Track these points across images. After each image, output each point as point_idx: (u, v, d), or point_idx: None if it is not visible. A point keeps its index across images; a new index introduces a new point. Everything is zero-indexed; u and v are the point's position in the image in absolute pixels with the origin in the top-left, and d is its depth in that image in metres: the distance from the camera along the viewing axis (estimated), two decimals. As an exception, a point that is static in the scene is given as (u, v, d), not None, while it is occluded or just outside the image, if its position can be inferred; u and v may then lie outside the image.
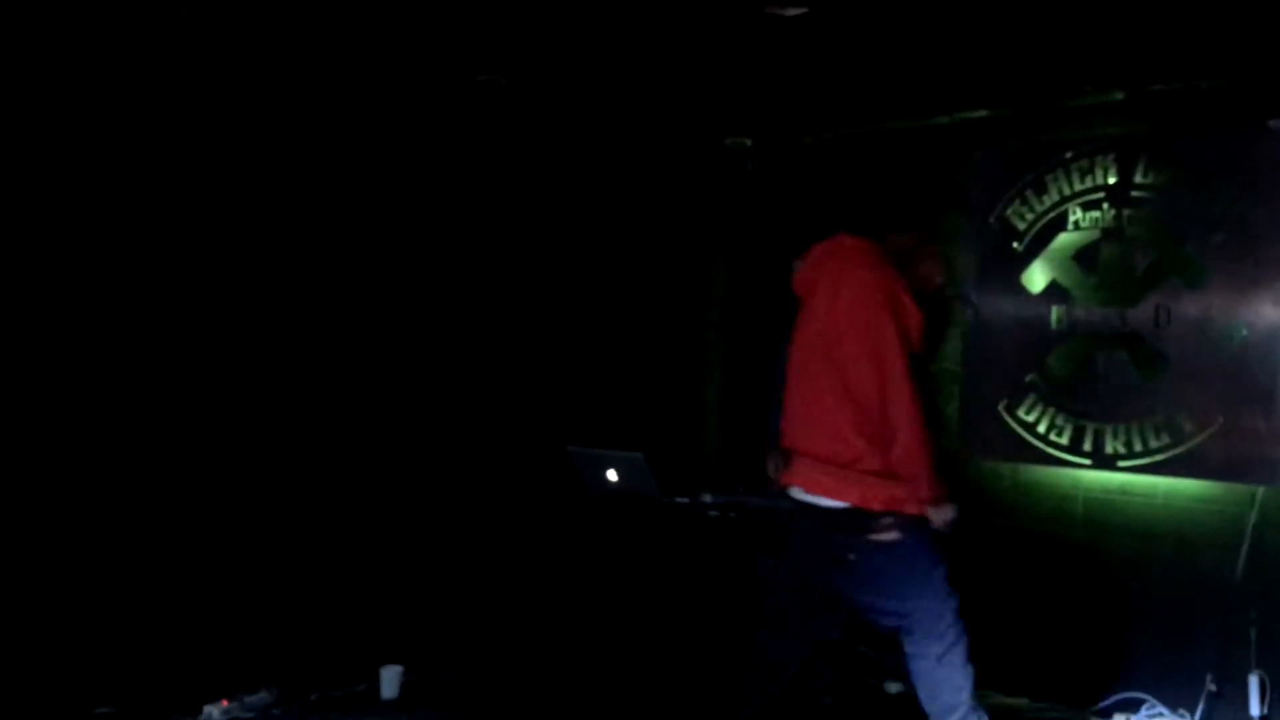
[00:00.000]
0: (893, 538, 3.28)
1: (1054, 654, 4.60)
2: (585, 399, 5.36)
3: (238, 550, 4.37)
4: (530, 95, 5.01)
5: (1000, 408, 4.80)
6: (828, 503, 3.32)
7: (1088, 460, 4.55)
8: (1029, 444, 4.71)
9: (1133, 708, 4.36)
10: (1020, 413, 4.74)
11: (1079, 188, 4.65)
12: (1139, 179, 4.50)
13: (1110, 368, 4.52)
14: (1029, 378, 4.73)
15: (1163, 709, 4.29)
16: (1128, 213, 4.52)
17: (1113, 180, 4.56)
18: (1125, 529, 4.52)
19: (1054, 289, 4.70)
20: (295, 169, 4.57)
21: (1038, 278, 4.75)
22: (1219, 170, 4.30)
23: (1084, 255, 4.62)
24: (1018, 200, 4.82)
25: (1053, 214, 4.72)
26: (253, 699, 4.13)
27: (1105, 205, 4.58)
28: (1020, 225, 4.81)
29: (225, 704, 4.06)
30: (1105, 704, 4.41)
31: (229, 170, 4.41)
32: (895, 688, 4.76)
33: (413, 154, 4.92)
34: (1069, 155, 4.67)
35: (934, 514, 3.28)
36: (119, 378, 4.14)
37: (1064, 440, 4.61)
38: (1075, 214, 4.66)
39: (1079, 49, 4.21)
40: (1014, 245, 4.81)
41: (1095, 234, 4.60)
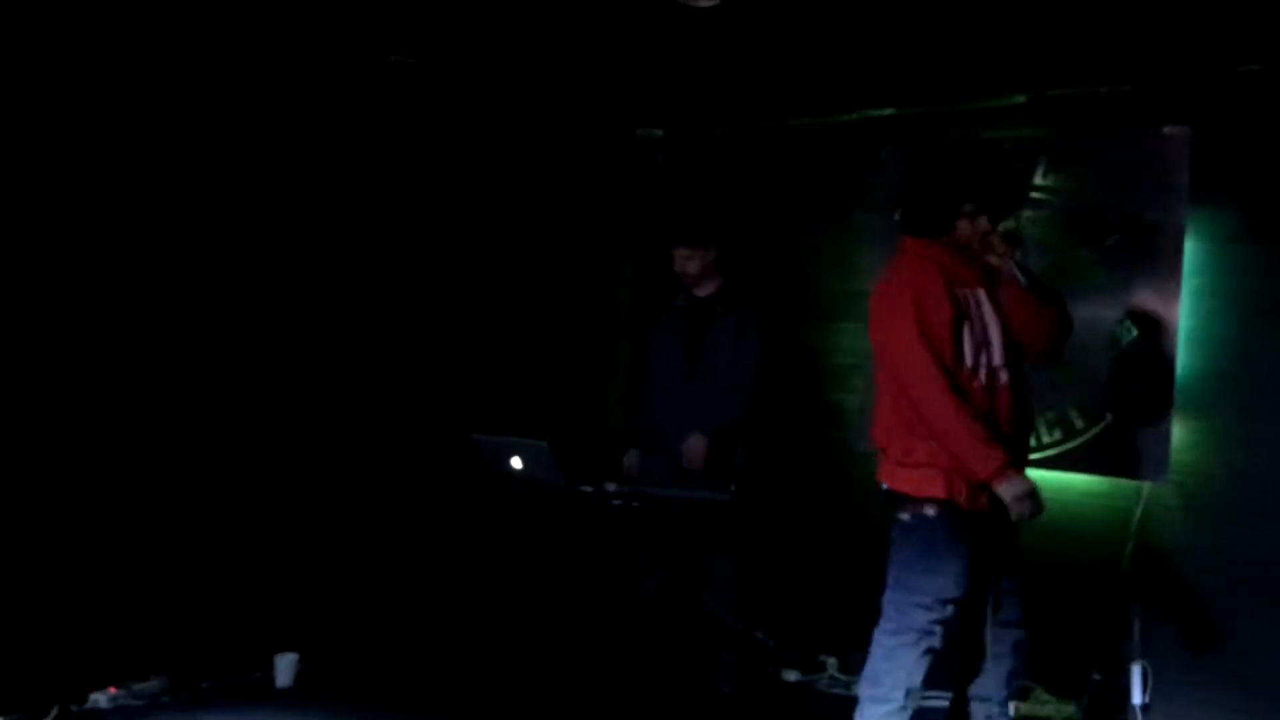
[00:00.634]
0: (905, 518, 3.48)
1: (946, 644, 4.68)
2: (491, 386, 5.33)
3: (127, 534, 4.26)
4: (440, 79, 4.95)
5: (901, 402, 4.87)
6: (884, 486, 3.56)
7: (984, 455, 4.64)
8: (928, 438, 4.79)
9: (1021, 696, 4.46)
10: (920, 407, 4.82)
11: (981, 188, 4.73)
12: (1039, 181, 4.60)
13: (1007, 365, 4.62)
14: (929, 373, 4.81)
15: (1049, 697, 4.41)
16: (1027, 214, 4.61)
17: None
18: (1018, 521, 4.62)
19: (955, 286, 4.78)
20: (190, 150, 4.45)
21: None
22: (1115, 174, 4.42)
23: (985, 254, 4.71)
24: (922, 198, 4.89)
25: (955, 213, 4.80)
26: (142, 687, 4.04)
27: (1006, 206, 4.67)
28: (924, 223, 4.88)
29: (113, 691, 3.96)
30: (997, 691, 4.51)
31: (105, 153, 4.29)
32: (793, 676, 4.83)
33: (319, 134, 4.82)
34: (972, 156, 4.76)
35: (1001, 492, 3.33)
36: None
37: (962, 435, 4.70)
38: (977, 214, 4.74)
39: (983, 52, 4.30)
40: (918, 242, 4.88)
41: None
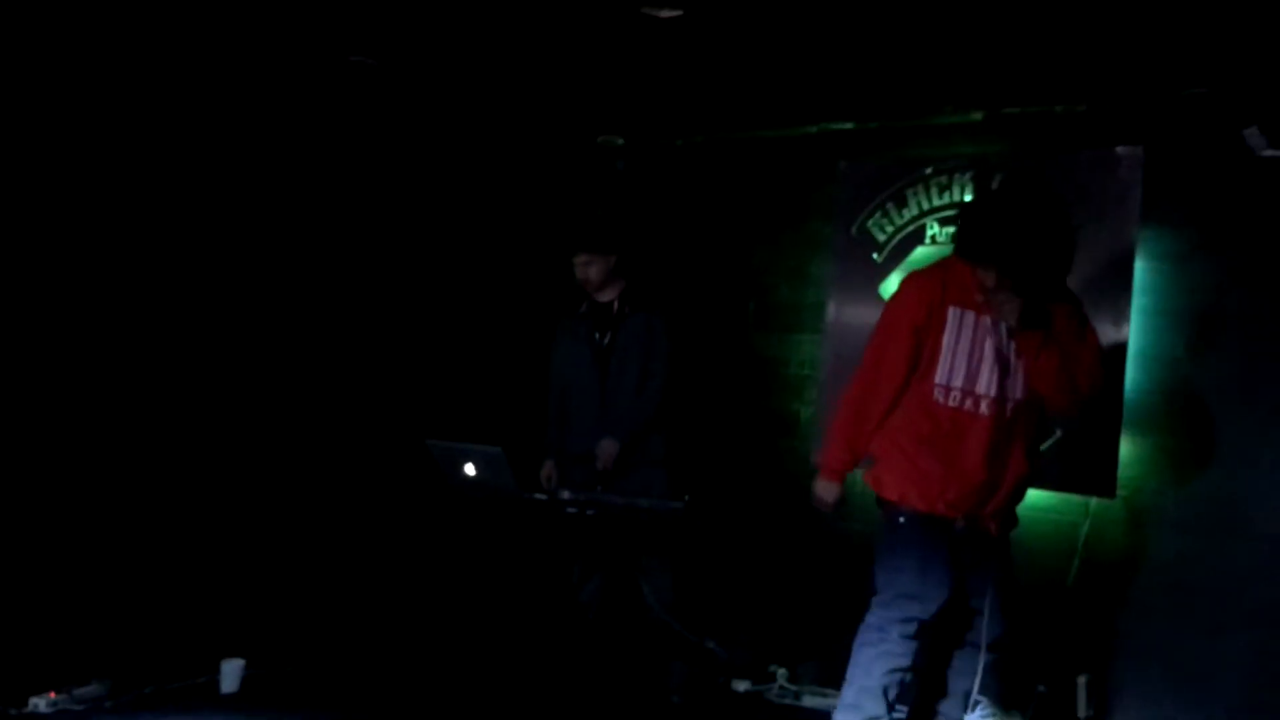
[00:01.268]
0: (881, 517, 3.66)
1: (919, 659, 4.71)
2: (446, 393, 5.30)
3: (68, 536, 4.19)
4: (400, 81, 4.92)
5: (855, 414, 4.91)
6: None
7: (935, 467, 4.68)
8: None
9: (970, 706, 4.49)
10: (873, 419, 4.85)
11: (937, 203, 4.79)
12: (994, 197, 4.65)
13: (960, 379, 4.66)
14: (883, 386, 4.84)
15: (995, 709, 4.44)
16: (982, 229, 4.66)
17: (969, 197, 4.70)
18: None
19: (910, 300, 4.82)
20: (143, 149, 4.40)
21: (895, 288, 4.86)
22: (1069, 191, 4.44)
23: (939, 269, 4.76)
24: (879, 212, 4.94)
25: (911, 227, 4.85)
26: (83, 691, 3.96)
27: (961, 221, 4.72)
28: (880, 237, 4.93)
29: (53, 696, 3.88)
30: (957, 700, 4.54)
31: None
32: (743, 685, 4.83)
33: (273, 135, 4.78)
34: (929, 171, 4.81)
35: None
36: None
37: (914, 447, 4.74)
38: (933, 228, 4.79)
39: (941, 69, 4.34)
40: (874, 256, 4.93)
41: (951, 249, 4.72)
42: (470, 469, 4.03)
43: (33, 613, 4.03)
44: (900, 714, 3.79)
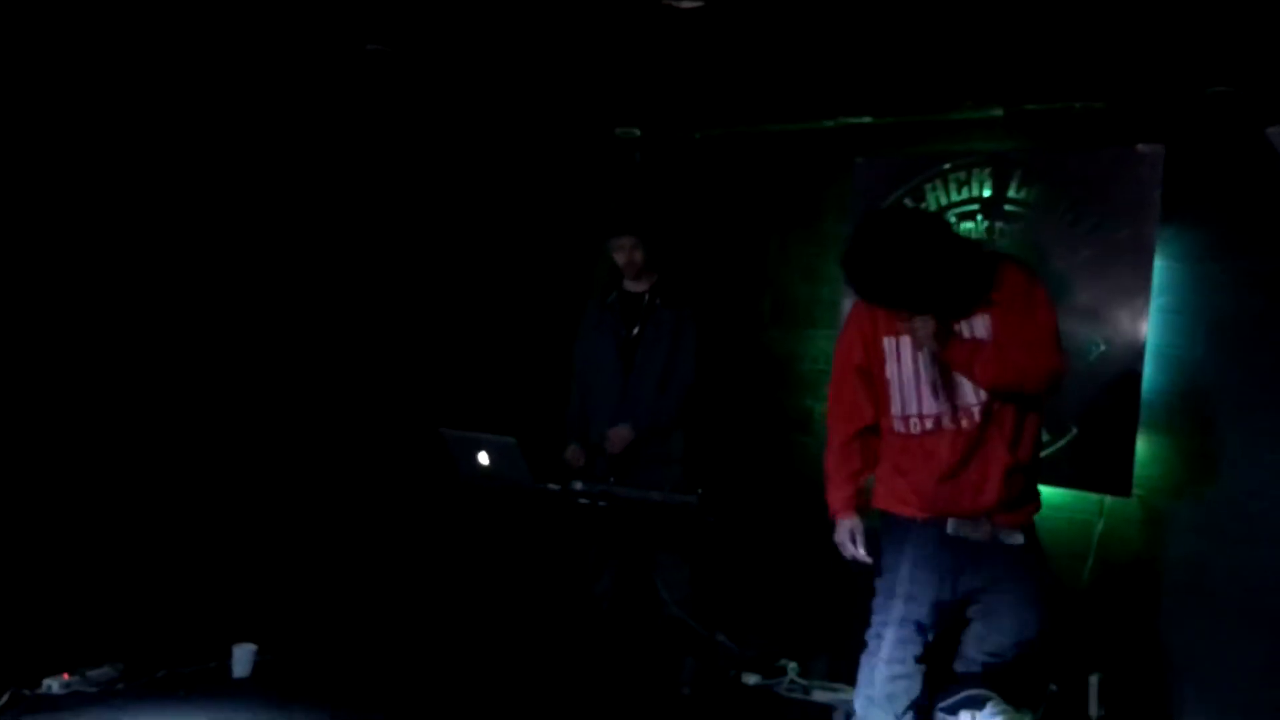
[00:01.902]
0: None
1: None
2: (460, 382, 5.31)
3: (83, 520, 4.21)
4: (417, 71, 4.92)
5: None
6: None
7: (949, 464, 4.66)
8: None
9: (978, 705, 4.47)
10: (888, 415, 4.84)
11: (955, 199, 4.77)
12: (1012, 194, 4.63)
13: (975, 376, 4.65)
14: (898, 381, 4.83)
15: (1006, 707, 4.43)
16: (1000, 226, 4.65)
17: (988, 194, 4.69)
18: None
19: (926, 296, 4.81)
20: (158, 137, 4.40)
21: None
22: (1087, 190, 4.46)
23: (956, 265, 4.74)
24: (897, 207, 4.92)
25: (929, 223, 4.83)
26: (96, 673, 3.98)
27: (979, 217, 4.70)
28: (898, 232, 4.90)
29: (66, 677, 3.90)
30: (951, 700, 4.52)
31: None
32: (753, 679, 4.82)
33: (288, 125, 4.78)
34: (947, 166, 4.79)
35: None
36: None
37: (928, 444, 4.72)
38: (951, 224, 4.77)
39: (961, 64, 4.32)
40: (891, 251, 4.91)
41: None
42: (484, 458, 4.03)
43: (47, 596, 4.06)
44: None
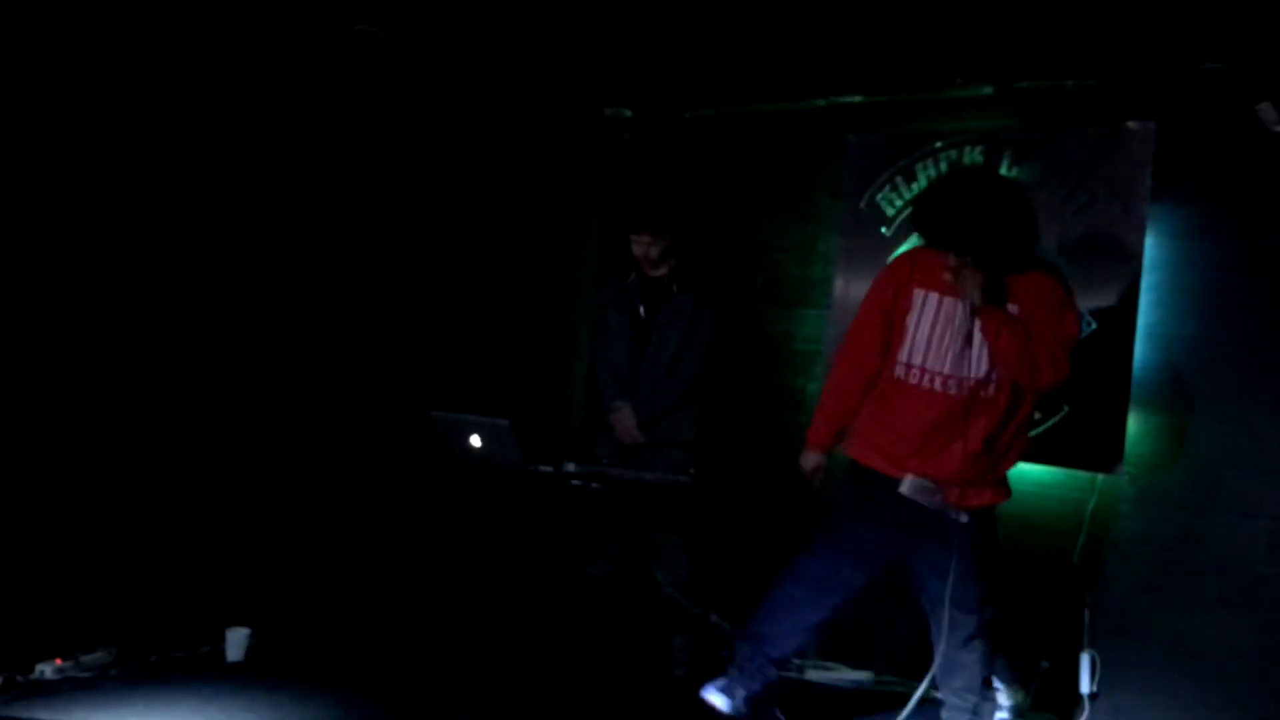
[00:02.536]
0: None
1: (899, 628, 4.73)
2: (451, 365, 5.29)
3: (74, 504, 4.20)
4: (406, 51, 4.89)
5: (861, 389, 4.89)
6: None
7: (941, 443, 4.67)
8: (886, 425, 4.82)
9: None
10: (880, 394, 4.84)
11: (947, 177, 4.76)
12: (1004, 172, 4.62)
13: (967, 354, 4.65)
14: (890, 360, 4.83)
15: (998, 684, 4.45)
16: (991, 204, 4.63)
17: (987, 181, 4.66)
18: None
19: (918, 275, 4.81)
20: (143, 126, 4.36)
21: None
22: (1078, 167, 4.45)
23: (948, 244, 4.74)
24: (888, 186, 4.91)
25: (921, 202, 4.82)
26: (89, 658, 3.98)
27: (971, 196, 4.69)
28: (889, 211, 4.90)
29: (59, 662, 3.91)
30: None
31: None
32: (747, 659, 4.83)
33: (274, 106, 4.74)
34: (939, 145, 4.78)
35: None
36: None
37: (920, 423, 4.73)
38: (942, 203, 4.76)
39: (951, 42, 4.30)
40: (882, 230, 4.91)
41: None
42: (476, 441, 4.02)
43: (39, 580, 4.05)
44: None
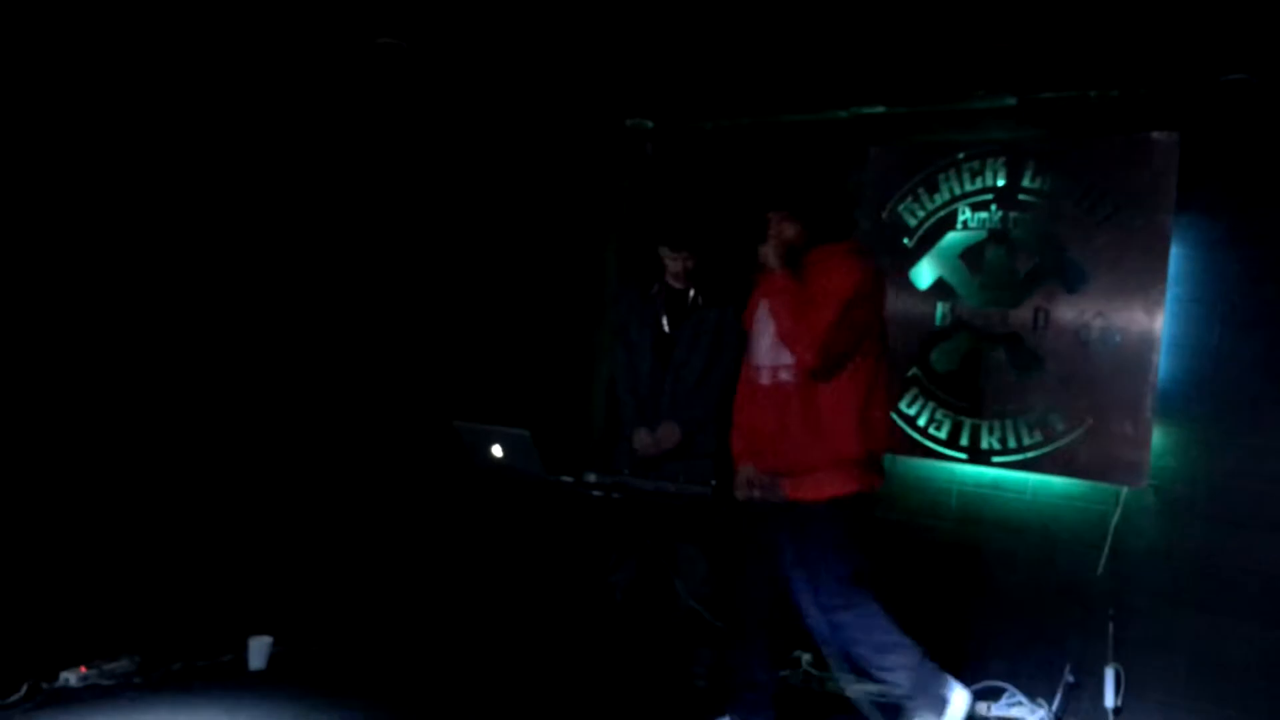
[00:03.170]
0: None
1: (920, 642, 4.70)
2: (473, 375, 5.31)
3: (99, 514, 4.22)
4: (429, 63, 4.91)
5: (883, 400, 4.89)
6: None
7: (964, 455, 4.66)
8: (908, 437, 4.81)
9: (994, 696, 4.48)
10: (901, 405, 4.83)
11: (969, 188, 4.75)
12: (1027, 183, 4.61)
13: (990, 366, 4.64)
14: (911, 372, 4.83)
15: (1022, 698, 4.43)
16: (1014, 215, 4.63)
17: (1002, 183, 4.67)
18: (995, 523, 4.65)
19: (940, 286, 4.80)
20: (166, 138, 4.40)
21: (925, 274, 4.84)
22: (1102, 178, 4.43)
23: (970, 255, 4.73)
24: (910, 197, 4.90)
25: (943, 212, 4.81)
26: (112, 666, 4.01)
27: (993, 207, 4.69)
28: (911, 222, 4.90)
29: (83, 670, 3.93)
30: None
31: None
32: (767, 671, 4.82)
33: (301, 118, 4.78)
34: (961, 156, 4.77)
35: None
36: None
37: (942, 434, 4.72)
38: (964, 214, 4.76)
39: (973, 53, 4.30)
40: (904, 241, 4.90)
41: (982, 234, 4.71)
42: (497, 451, 4.03)
43: (63, 589, 4.07)
44: None
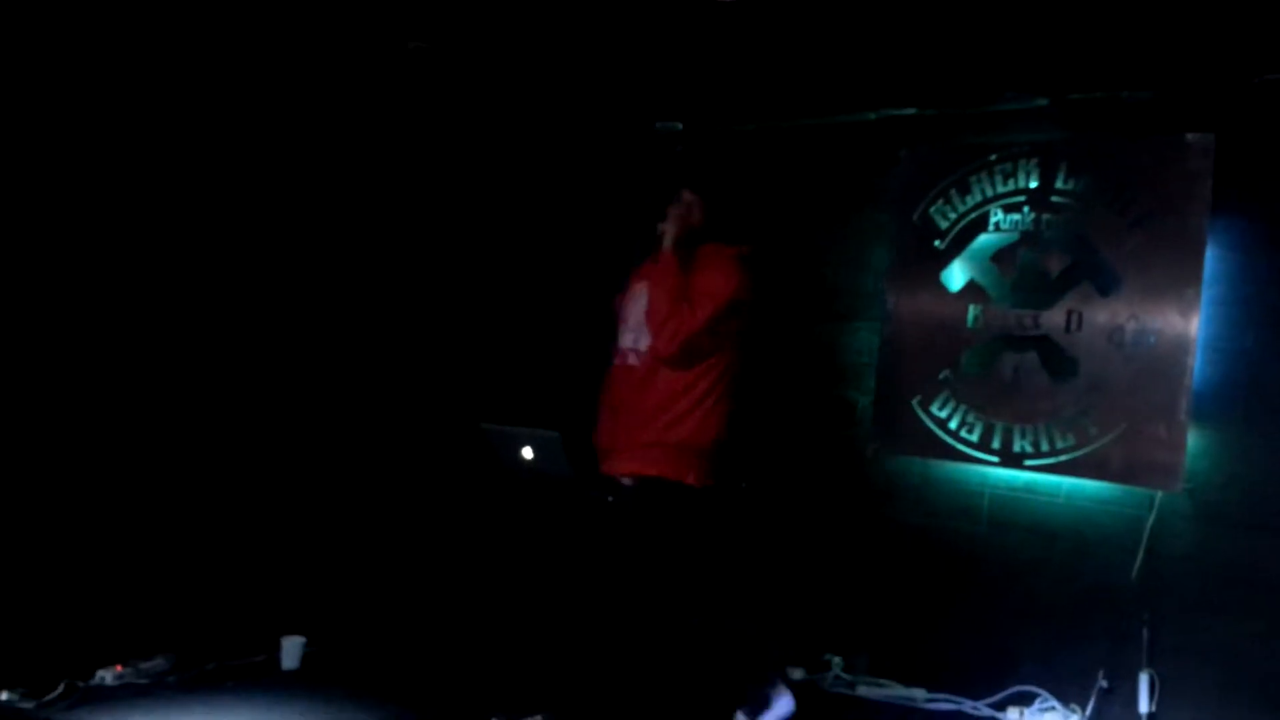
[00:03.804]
0: None
1: (952, 646, 4.69)
2: (503, 377, 5.32)
3: (135, 514, 4.27)
4: (457, 66, 4.94)
5: (914, 403, 4.87)
6: None
7: (996, 458, 4.63)
8: (940, 440, 4.78)
9: (1026, 701, 4.45)
10: (933, 409, 4.81)
11: (1001, 190, 4.72)
12: (1059, 185, 4.58)
13: (1022, 369, 4.60)
14: (943, 374, 4.80)
15: (1055, 703, 4.40)
16: (1046, 217, 4.60)
17: (1034, 185, 4.64)
18: (1028, 527, 4.61)
19: (972, 288, 4.77)
20: (197, 137, 4.44)
21: (957, 276, 4.81)
22: (1135, 180, 4.40)
23: (1003, 257, 4.70)
24: (941, 199, 4.88)
25: (974, 214, 4.79)
26: (147, 665, 4.05)
27: (1026, 209, 4.66)
28: (943, 224, 4.87)
29: (119, 669, 3.97)
30: (1000, 697, 4.51)
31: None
32: (798, 674, 4.82)
33: (330, 122, 4.81)
34: (993, 158, 4.74)
35: None
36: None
37: (974, 438, 4.69)
38: (996, 215, 4.73)
39: (1006, 54, 4.28)
40: (935, 243, 4.88)
41: (1015, 236, 4.68)
42: (527, 453, 4.04)
43: (100, 589, 4.12)
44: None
